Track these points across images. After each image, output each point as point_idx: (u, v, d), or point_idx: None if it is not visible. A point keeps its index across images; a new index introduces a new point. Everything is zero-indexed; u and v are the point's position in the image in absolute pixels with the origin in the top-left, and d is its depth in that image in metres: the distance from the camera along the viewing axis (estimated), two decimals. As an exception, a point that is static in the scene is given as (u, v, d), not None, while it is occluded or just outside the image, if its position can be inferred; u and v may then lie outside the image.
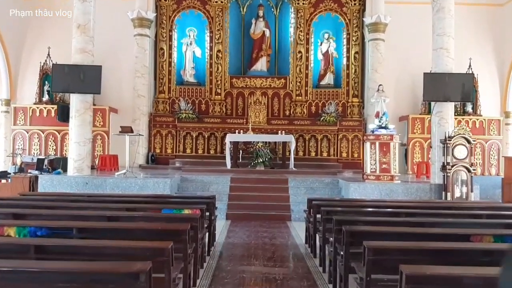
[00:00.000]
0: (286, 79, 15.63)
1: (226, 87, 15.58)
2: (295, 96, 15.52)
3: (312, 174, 12.27)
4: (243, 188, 10.33)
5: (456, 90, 9.95)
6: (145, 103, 14.91)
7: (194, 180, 10.62)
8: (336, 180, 10.67)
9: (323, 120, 15.05)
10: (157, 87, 15.52)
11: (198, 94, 15.59)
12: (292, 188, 10.33)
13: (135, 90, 14.76)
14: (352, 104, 15.45)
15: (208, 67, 15.58)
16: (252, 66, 15.99)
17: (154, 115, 15.23)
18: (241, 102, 15.59)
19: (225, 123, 15.17)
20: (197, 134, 15.23)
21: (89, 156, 10.16)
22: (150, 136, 15.18)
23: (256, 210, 9.59)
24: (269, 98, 15.48)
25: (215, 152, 15.21)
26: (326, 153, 15.24)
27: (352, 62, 15.55)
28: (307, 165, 14.11)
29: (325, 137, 15.28)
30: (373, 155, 9.99)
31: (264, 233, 8.13)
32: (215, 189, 10.28)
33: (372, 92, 14.72)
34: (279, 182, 10.69)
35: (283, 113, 15.56)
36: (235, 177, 10.83)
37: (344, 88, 15.58)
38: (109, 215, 4.64)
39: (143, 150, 14.81)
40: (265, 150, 12.75)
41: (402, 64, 15.00)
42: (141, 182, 9.49)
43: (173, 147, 15.23)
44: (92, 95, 10.60)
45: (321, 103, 15.50)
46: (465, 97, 10.40)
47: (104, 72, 15.19)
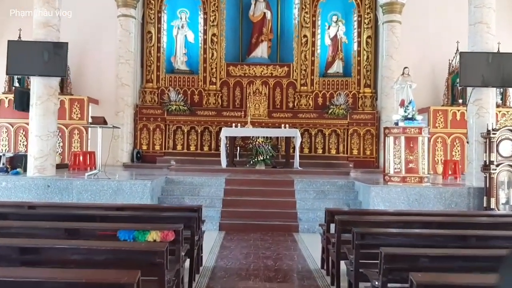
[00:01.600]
0: (290, 66, 13.87)
1: (222, 76, 13.83)
2: (299, 86, 13.77)
3: (321, 175, 10.53)
4: (240, 192, 8.59)
5: (498, 73, 8.21)
6: (130, 93, 13.14)
7: (181, 182, 8.87)
8: (351, 182, 8.93)
9: (331, 113, 13.31)
10: (144, 76, 13.76)
11: (190, 84, 13.84)
12: (299, 192, 8.59)
13: (118, 78, 12.99)
14: (364, 95, 13.71)
15: (201, 53, 13.82)
16: (252, 52, 14.23)
17: (140, 107, 13.47)
18: (238, 93, 13.84)
19: (220, 116, 13.42)
20: (189, 128, 13.48)
21: (54, 153, 8.41)
22: (135, 131, 13.42)
23: (256, 219, 7.85)
24: (270, 88, 13.74)
25: (209, 149, 13.47)
26: (334, 150, 13.50)
27: (364, 47, 13.79)
28: (313, 163, 12.37)
29: (334, 132, 13.54)
30: (397, 152, 8.24)
31: (266, 250, 6.39)
32: (206, 193, 8.55)
33: (387, 81, 13.05)
34: (283, 184, 8.95)
35: (286, 105, 13.81)
36: (231, 179, 9.08)
37: (355, 77, 13.83)
38: (23, 246, 2.89)
39: (128, 147, 13.06)
40: (266, 147, 11.00)
41: (421, 50, 13.24)
42: (115, 185, 7.74)
43: (162, 143, 13.48)
44: (59, 80, 8.84)
45: (329, 94, 13.76)
46: (507, 83, 8.65)
47: (83, 57, 13.55)
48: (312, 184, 8.87)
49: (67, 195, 7.72)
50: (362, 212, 5.57)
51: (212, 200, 8.28)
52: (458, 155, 12.57)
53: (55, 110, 8.34)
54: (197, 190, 8.57)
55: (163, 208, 4.81)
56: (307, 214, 8.01)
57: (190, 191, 8.57)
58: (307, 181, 8.92)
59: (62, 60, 7.93)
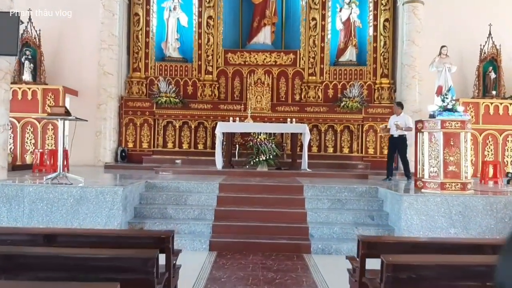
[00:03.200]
0: (296, 54, 12.20)
1: (219, 64, 12.17)
2: (307, 76, 12.09)
3: (334, 178, 8.87)
4: (237, 200, 6.92)
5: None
6: (114, 83, 11.50)
7: (165, 188, 7.21)
8: (373, 189, 7.25)
9: (343, 106, 11.65)
10: (130, 64, 12.11)
11: (183, 73, 12.18)
12: (310, 200, 6.92)
13: (100, 66, 11.36)
14: (380, 87, 12.03)
15: (196, 38, 12.16)
16: (253, 37, 12.57)
17: (125, 99, 11.82)
18: (238, 83, 12.18)
19: (217, 109, 11.77)
20: (181, 123, 11.84)
21: (4, 152, 6.76)
22: (120, 126, 11.78)
23: (257, 237, 6.19)
24: (274, 78, 12.07)
25: (205, 147, 11.83)
26: (347, 148, 11.82)
27: (381, 32, 12.10)
28: (323, 164, 10.72)
29: (347, 129, 11.87)
30: (434, 151, 6.56)
31: (269, 284, 4.73)
32: (195, 201, 6.89)
33: (408, 70, 11.40)
34: (290, 191, 7.29)
35: (292, 98, 12.15)
36: (226, 184, 7.43)
37: (370, 66, 12.15)
38: None
39: (111, 145, 11.42)
40: (269, 145, 9.33)
41: (448, 36, 11.48)
42: (77, 193, 6.09)
43: (150, 140, 11.83)
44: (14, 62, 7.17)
45: (341, 84, 12.09)
46: None
47: (61, 42, 11.88)
48: (325, 190, 7.19)
49: (17, 205, 6.08)
50: (422, 243, 3.68)
51: (202, 210, 6.63)
52: (491, 155, 10.88)
53: (6, 98, 6.69)
54: (183, 198, 6.91)
55: (113, 240, 3.10)
56: (320, 229, 6.35)
57: (175, 199, 6.91)
58: (320, 186, 7.24)
59: (13, 35, 6.27)
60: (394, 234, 6.26)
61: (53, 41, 11.41)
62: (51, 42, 11.36)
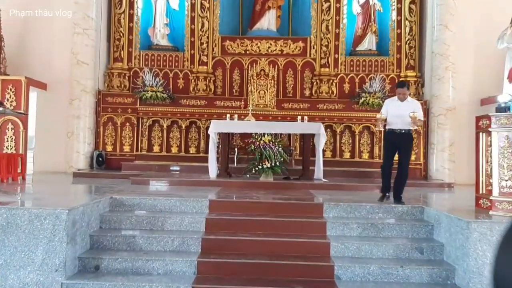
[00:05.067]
0: (306, 42, 10.36)
1: (215, 54, 10.34)
2: (319, 68, 10.25)
3: (358, 192, 7.01)
4: (233, 224, 5.06)
5: None
6: (90, 74, 9.68)
7: (136, 206, 5.35)
8: (418, 208, 5.37)
9: (363, 103, 9.81)
10: (111, 53, 10.28)
11: (173, 64, 10.36)
12: (334, 225, 5.06)
13: (73, 54, 9.54)
14: (406, 80, 10.13)
15: (188, 23, 10.34)
16: (255, 23, 10.76)
17: (104, 94, 9.98)
18: (237, 76, 10.35)
19: (213, 106, 9.94)
20: (169, 123, 9.99)
21: None
22: (97, 126, 9.93)
23: (261, 279, 4.31)
24: (280, 70, 10.24)
25: (197, 150, 9.99)
26: (367, 153, 9.97)
27: (406, 16, 10.26)
28: (338, 172, 8.90)
29: (366, 129, 10.02)
30: (507, 158, 4.69)
31: None
32: (176, 225, 5.03)
33: (440, 60, 9.61)
34: (306, 210, 5.42)
35: (301, 93, 10.31)
36: (219, 201, 5.57)
37: (394, 56, 10.31)
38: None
39: (86, 148, 9.58)
40: (275, 148, 7.45)
41: (486, 22, 9.68)
42: (2, 217, 4.23)
43: (133, 142, 9.98)
44: None
45: (359, 78, 10.25)
46: None
47: (28, 27, 9.93)
48: (353, 210, 5.33)
49: None
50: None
51: (184, 239, 4.76)
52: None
53: None
54: (160, 221, 5.05)
55: None
56: (351, 268, 4.47)
57: (148, 223, 5.05)
58: (345, 205, 5.37)
59: None
60: (456, 277, 4.38)
61: (16, 23, 9.58)
62: (15, 25, 9.54)
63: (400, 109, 5.51)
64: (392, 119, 5.57)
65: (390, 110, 5.63)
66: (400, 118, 5.48)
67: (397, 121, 5.52)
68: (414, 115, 5.34)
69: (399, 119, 5.49)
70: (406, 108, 5.47)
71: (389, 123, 5.60)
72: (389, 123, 5.60)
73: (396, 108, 5.58)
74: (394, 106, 5.64)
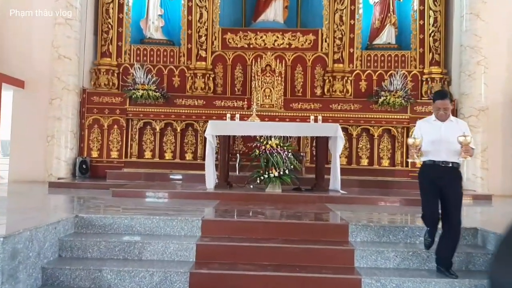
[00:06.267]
0: (317, 34, 9.21)
1: (215, 48, 9.20)
2: (331, 63, 9.09)
3: (385, 205, 5.80)
4: (232, 252, 3.88)
5: None
6: (73, 71, 8.56)
7: (108, 228, 4.18)
8: (470, 231, 4.16)
9: (382, 103, 8.64)
10: (98, 47, 9.15)
11: (167, 59, 9.22)
12: (363, 253, 3.87)
13: (54, 47, 8.43)
14: (430, 77, 8.99)
15: (185, 14, 9.21)
16: (260, 14, 9.64)
17: (89, 93, 8.84)
18: (240, 73, 9.20)
19: (212, 106, 8.78)
20: (163, 125, 8.84)
21: None
22: (81, 129, 8.79)
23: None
24: (287, 66, 9.09)
25: (194, 157, 8.83)
26: (387, 160, 8.77)
27: (430, 5, 9.09)
28: (355, 182, 7.76)
29: (386, 133, 8.83)
30: None
31: None
32: (158, 255, 3.86)
33: (471, 54, 8.54)
34: (326, 233, 4.23)
35: (312, 91, 9.15)
36: (214, 221, 4.38)
37: (416, 51, 9.13)
38: None
39: (68, 153, 8.44)
40: (283, 154, 6.26)
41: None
42: None
43: (122, 148, 8.82)
44: None
45: (377, 74, 9.08)
46: None
47: (4, 17, 8.87)
48: (387, 232, 4.14)
49: None
50: None
51: (166, 275, 3.58)
52: None
53: None
54: (137, 248, 3.87)
55: None
56: (391, 316, 3.27)
57: (122, 250, 3.87)
58: (376, 226, 4.18)
59: None
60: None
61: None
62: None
63: (442, 132, 3.80)
64: (430, 147, 3.79)
65: (428, 134, 3.84)
66: (443, 145, 3.75)
67: (439, 150, 3.76)
68: (466, 140, 3.64)
69: (442, 146, 3.76)
70: (450, 131, 3.77)
71: (427, 153, 3.80)
72: (426, 153, 3.80)
73: (436, 131, 3.82)
74: (433, 128, 3.86)
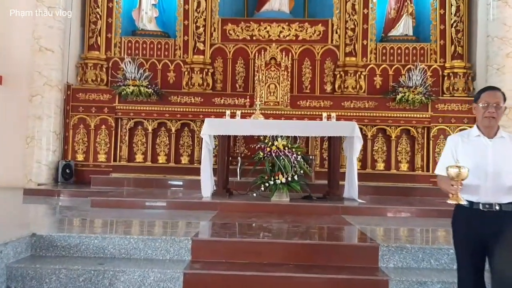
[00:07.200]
0: (327, 25, 8.33)
1: (214, 40, 8.33)
2: (343, 57, 8.20)
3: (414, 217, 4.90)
4: (231, 284, 2.96)
5: None
6: (56, 64, 7.71)
7: (74, 249, 3.30)
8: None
9: (400, 100, 7.73)
10: (85, 39, 8.29)
11: (162, 53, 8.36)
12: (400, 284, 2.96)
13: (35, 38, 7.58)
14: (452, 72, 8.10)
15: (181, 3, 8.36)
16: (264, 3, 8.80)
17: (74, 89, 7.98)
18: (241, 67, 8.33)
19: (210, 104, 7.91)
20: (156, 125, 7.97)
21: None
22: (65, 129, 7.92)
23: None
24: (294, 60, 8.21)
25: (191, 160, 7.95)
26: (406, 164, 7.87)
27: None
28: (370, 189, 6.88)
29: (405, 133, 7.93)
30: None
31: None
32: (134, 286, 2.94)
33: (499, 45, 7.67)
34: (349, 257, 3.33)
35: (321, 88, 8.27)
36: (207, 241, 3.48)
37: (436, 43, 8.24)
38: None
39: (50, 156, 7.57)
40: (292, 157, 5.36)
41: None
42: None
43: (110, 150, 7.95)
44: None
45: (393, 69, 8.20)
46: None
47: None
48: (427, 255, 3.24)
49: None
50: None
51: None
52: None
53: None
54: (108, 277, 2.99)
55: None
56: None
57: (88, 280, 2.99)
58: (414, 248, 3.27)
59: None
60: None
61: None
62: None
63: (490, 155, 2.45)
64: (469, 179, 2.36)
65: (465, 157, 2.42)
66: (490, 177, 2.42)
67: (485, 185, 2.42)
68: None
69: (488, 178, 2.42)
70: (503, 153, 2.44)
71: (464, 189, 2.39)
72: (464, 187, 2.38)
73: (481, 153, 2.45)
74: (475, 148, 2.47)
